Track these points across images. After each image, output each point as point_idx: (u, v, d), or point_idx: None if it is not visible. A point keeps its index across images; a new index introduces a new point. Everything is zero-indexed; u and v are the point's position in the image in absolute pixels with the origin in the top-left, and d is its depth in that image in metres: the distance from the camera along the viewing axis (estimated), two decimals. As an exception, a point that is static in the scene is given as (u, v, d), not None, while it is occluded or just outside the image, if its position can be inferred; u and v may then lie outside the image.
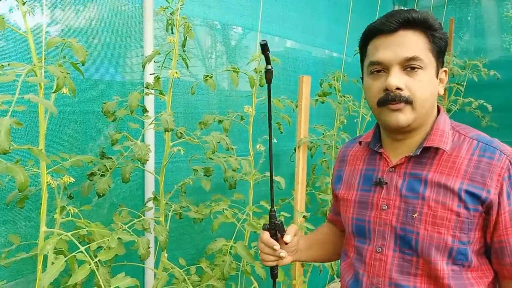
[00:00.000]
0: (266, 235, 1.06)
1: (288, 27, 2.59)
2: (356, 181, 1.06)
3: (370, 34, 0.96)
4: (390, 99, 0.91)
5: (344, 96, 2.32)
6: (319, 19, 2.85)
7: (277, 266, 1.10)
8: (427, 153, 0.95)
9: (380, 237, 0.98)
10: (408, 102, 0.90)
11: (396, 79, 0.90)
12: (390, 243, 0.96)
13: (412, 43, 0.90)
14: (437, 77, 0.94)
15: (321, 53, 2.98)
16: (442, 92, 0.97)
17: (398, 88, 0.90)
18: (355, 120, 2.47)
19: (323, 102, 2.25)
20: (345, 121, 2.33)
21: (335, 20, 2.98)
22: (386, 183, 0.98)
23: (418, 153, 0.94)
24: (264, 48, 0.96)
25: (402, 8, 3.84)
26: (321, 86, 2.29)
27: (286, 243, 1.05)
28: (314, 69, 2.85)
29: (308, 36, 2.81)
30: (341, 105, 2.31)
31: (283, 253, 1.05)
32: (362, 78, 1.04)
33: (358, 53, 1.00)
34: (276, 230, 1.05)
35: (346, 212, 1.07)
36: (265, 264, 1.09)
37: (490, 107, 2.84)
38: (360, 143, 1.11)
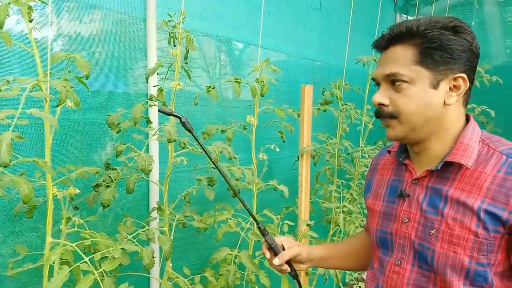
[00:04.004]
0: (264, 245, 1.15)
1: (284, 40, 2.65)
2: (383, 191, 1.06)
3: (377, 51, 0.99)
4: (377, 114, 0.95)
5: (346, 104, 2.34)
6: (311, 31, 2.91)
7: (291, 270, 1.16)
8: (451, 167, 0.91)
9: (400, 250, 0.97)
10: (392, 116, 0.92)
11: (379, 95, 0.93)
12: (409, 257, 0.95)
13: (395, 58, 0.90)
14: (435, 88, 0.89)
15: (320, 63, 3.03)
16: (452, 102, 0.90)
17: (382, 104, 0.93)
18: (358, 128, 2.48)
19: (325, 111, 2.27)
20: (348, 129, 2.34)
21: (331, 31, 3.04)
22: (409, 195, 0.97)
23: (439, 168, 0.91)
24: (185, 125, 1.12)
25: (404, 16, 3.86)
26: (323, 95, 2.31)
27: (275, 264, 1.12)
28: (312, 78, 2.89)
29: (308, 48, 2.88)
30: (343, 113, 2.32)
31: (275, 261, 1.11)
32: None
33: (358, 62, 1.02)
34: (267, 242, 1.14)
35: (372, 222, 1.07)
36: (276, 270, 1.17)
37: (493, 113, 2.83)
38: (389, 152, 1.10)
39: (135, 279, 1.57)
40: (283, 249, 1.14)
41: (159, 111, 1.08)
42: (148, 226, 1.54)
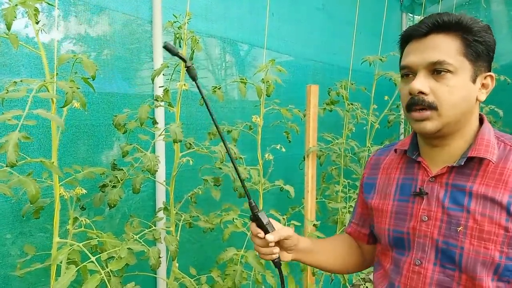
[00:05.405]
0: (253, 225, 1.03)
1: (287, 40, 2.66)
2: (392, 191, 1.03)
3: (406, 38, 0.95)
4: (414, 103, 0.90)
5: (352, 104, 2.33)
6: (314, 32, 2.91)
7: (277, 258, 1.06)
8: (471, 163, 0.91)
9: (419, 250, 0.95)
10: (432, 107, 0.88)
11: (420, 83, 0.88)
12: (431, 256, 0.93)
13: (440, 47, 0.88)
14: (474, 82, 0.89)
15: (323, 64, 3.03)
16: (483, 99, 0.92)
17: (422, 93, 0.88)
18: (364, 128, 2.47)
19: (331, 111, 2.26)
20: (354, 129, 2.33)
21: (334, 32, 3.05)
22: (427, 193, 0.95)
23: (462, 163, 0.90)
24: (170, 50, 0.94)
25: (411, 15, 3.84)
26: (329, 95, 2.30)
27: (269, 241, 1.01)
28: (314, 78, 2.89)
29: (311, 48, 2.88)
30: (349, 113, 2.31)
31: (270, 237, 1.00)
32: None
33: (364, 62, 1.00)
34: (257, 219, 1.01)
35: (381, 223, 1.04)
36: (262, 258, 1.06)
37: (501, 112, 2.81)
38: (395, 150, 1.07)
39: (141, 279, 1.58)
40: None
41: (164, 47, 0.93)
42: (155, 226, 1.55)
